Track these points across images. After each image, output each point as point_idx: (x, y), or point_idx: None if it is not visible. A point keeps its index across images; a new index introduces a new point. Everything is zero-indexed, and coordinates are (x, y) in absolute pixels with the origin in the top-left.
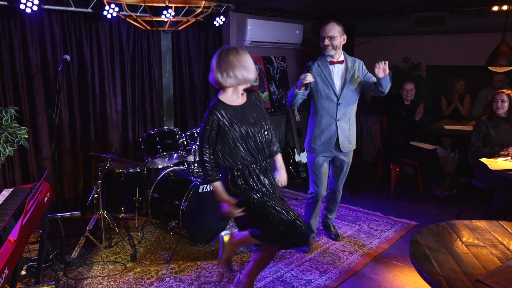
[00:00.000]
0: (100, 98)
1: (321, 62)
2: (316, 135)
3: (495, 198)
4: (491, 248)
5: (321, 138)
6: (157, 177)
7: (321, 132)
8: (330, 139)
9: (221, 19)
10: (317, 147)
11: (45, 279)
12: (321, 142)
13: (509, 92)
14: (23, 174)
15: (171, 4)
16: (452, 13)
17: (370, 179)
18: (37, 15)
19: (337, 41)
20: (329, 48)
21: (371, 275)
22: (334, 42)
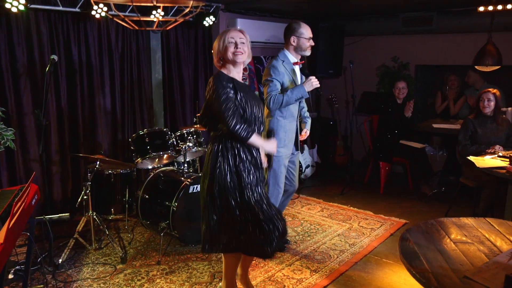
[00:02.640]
0: (89, 99)
1: (285, 62)
2: (281, 138)
3: (482, 196)
4: (478, 244)
5: (285, 140)
6: (147, 177)
7: (286, 134)
8: (292, 139)
9: (210, 19)
10: (284, 150)
11: (33, 282)
12: (286, 144)
13: (495, 91)
14: (10, 176)
15: (159, 4)
16: (439, 13)
17: (360, 178)
18: (24, 14)
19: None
20: (310, 49)
21: (362, 273)
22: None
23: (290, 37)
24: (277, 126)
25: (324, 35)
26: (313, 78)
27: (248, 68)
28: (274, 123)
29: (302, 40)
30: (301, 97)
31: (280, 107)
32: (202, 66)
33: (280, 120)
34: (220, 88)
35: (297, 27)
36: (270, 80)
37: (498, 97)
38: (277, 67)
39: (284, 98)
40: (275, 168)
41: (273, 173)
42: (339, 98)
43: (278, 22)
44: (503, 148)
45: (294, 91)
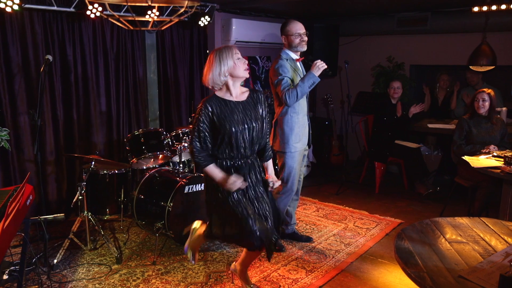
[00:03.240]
0: (84, 99)
1: (289, 59)
2: (297, 133)
3: (477, 196)
4: (473, 244)
5: (300, 136)
6: (142, 178)
7: (300, 130)
8: (306, 135)
9: (206, 19)
10: (299, 145)
11: (28, 283)
12: (301, 139)
13: (490, 91)
14: (5, 177)
15: (154, 4)
16: (434, 14)
17: (355, 178)
18: (18, 14)
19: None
20: (304, 44)
21: (357, 273)
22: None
23: (281, 37)
24: (291, 122)
25: (319, 35)
26: (318, 61)
27: None
28: (288, 120)
29: (290, 37)
30: (313, 83)
31: (297, 99)
32: (197, 66)
33: (293, 116)
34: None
35: (284, 26)
36: (280, 78)
37: (492, 97)
38: (284, 65)
39: (298, 90)
40: (290, 165)
41: (288, 170)
42: (335, 98)
43: (273, 22)
44: (498, 148)
45: (305, 79)
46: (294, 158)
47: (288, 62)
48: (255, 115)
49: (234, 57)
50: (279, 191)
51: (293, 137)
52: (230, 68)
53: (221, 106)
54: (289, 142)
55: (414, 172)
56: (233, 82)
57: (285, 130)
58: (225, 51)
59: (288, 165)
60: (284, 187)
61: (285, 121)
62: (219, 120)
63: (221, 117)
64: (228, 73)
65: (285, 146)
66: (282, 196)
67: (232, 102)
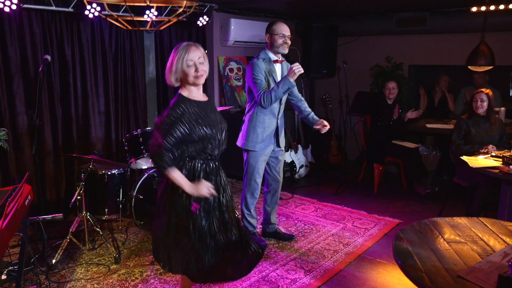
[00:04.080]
0: (82, 99)
1: (265, 60)
2: (259, 133)
3: (476, 196)
4: (471, 244)
5: (263, 136)
6: (140, 178)
7: (264, 130)
8: (270, 136)
9: (204, 19)
10: (261, 145)
11: (26, 283)
12: (263, 139)
13: (488, 91)
14: (3, 176)
15: (152, 4)
16: (433, 14)
17: (354, 178)
18: (17, 14)
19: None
20: (286, 46)
21: (356, 273)
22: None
23: (265, 34)
24: (255, 121)
25: (318, 35)
26: (295, 65)
27: (242, 68)
28: (253, 117)
29: (273, 37)
30: (288, 88)
31: (271, 103)
32: None
33: (259, 115)
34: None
35: (270, 25)
36: (255, 78)
37: (491, 97)
38: (258, 65)
39: (272, 94)
40: (251, 163)
41: (249, 168)
42: (333, 98)
43: None
44: (496, 148)
45: (280, 84)
46: (256, 157)
47: (264, 62)
48: (220, 115)
49: (184, 63)
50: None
51: (253, 136)
52: (179, 73)
53: (195, 108)
54: (249, 140)
55: (413, 172)
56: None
57: (248, 127)
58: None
59: (249, 163)
60: (246, 185)
61: (250, 119)
62: (197, 121)
63: (198, 119)
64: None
65: (245, 143)
66: (247, 195)
67: (203, 103)
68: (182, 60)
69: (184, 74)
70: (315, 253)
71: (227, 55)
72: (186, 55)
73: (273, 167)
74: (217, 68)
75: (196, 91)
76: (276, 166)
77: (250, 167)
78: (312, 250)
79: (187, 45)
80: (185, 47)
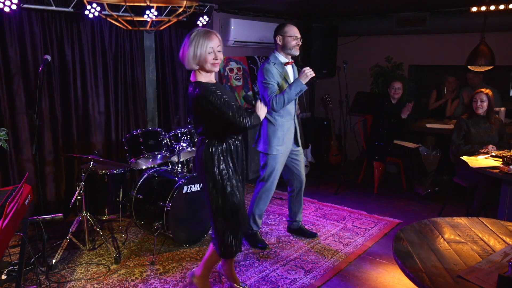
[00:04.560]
0: (82, 99)
1: (276, 63)
2: (279, 137)
3: (476, 196)
4: (471, 244)
5: (284, 138)
6: (141, 178)
7: (284, 133)
8: (290, 137)
9: (204, 19)
10: (282, 148)
11: (26, 283)
12: (285, 142)
13: (488, 91)
14: (3, 177)
15: (152, 4)
16: (433, 14)
17: (354, 178)
18: (16, 14)
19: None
20: (298, 48)
21: (356, 273)
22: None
23: (276, 36)
24: (275, 125)
25: (318, 35)
26: (307, 69)
27: (242, 68)
28: (271, 122)
29: (287, 38)
30: (300, 90)
31: (283, 105)
32: None
33: (277, 119)
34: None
35: (282, 26)
36: (266, 82)
37: (491, 97)
38: (269, 70)
39: (285, 96)
40: (272, 165)
41: (270, 169)
42: (333, 98)
43: (272, 22)
44: (496, 148)
45: (292, 86)
46: (276, 159)
47: (275, 66)
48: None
49: (206, 49)
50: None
51: (275, 140)
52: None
53: (221, 90)
54: (271, 145)
55: (413, 172)
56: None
57: (268, 132)
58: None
59: (269, 165)
60: (264, 185)
61: (269, 123)
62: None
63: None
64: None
65: (267, 148)
66: (263, 195)
67: (221, 86)
68: (205, 47)
69: (204, 61)
70: (315, 253)
71: (227, 55)
72: (208, 42)
73: (295, 168)
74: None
75: (210, 76)
76: (298, 166)
77: (270, 169)
78: (312, 250)
79: (209, 32)
80: (207, 33)
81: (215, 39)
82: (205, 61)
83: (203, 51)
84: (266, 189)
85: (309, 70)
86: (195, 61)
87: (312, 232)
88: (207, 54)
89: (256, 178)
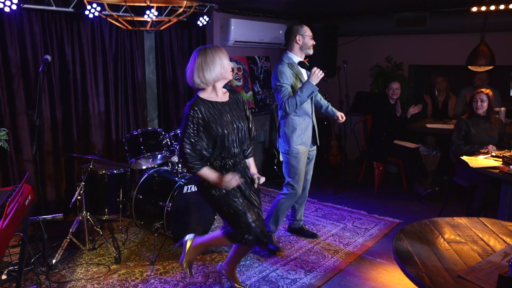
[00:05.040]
0: (83, 99)
1: (290, 64)
2: (298, 135)
3: (476, 196)
4: (472, 244)
5: (302, 137)
6: (141, 178)
7: (302, 132)
8: (309, 136)
9: (204, 19)
10: (302, 147)
11: (26, 283)
12: (304, 141)
13: (488, 91)
14: (3, 177)
15: (153, 4)
16: (433, 14)
17: (354, 178)
18: (17, 14)
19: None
20: (312, 48)
21: (356, 273)
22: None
23: (295, 36)
24: (292, 124)
25: (318, 35)
26: (315, 69)
27: (242, 68)
28: (289, 122)
29: (306, 38)
30: (312, 92)
31: (296, 107)
32: None
33: (294, 119)
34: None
35: (300, 27)
36: (280, 85)
37: (491, 98)
38: (283, 72)
39: (297, 99)
40: (295, 166)
41: (293, 171)
42: (333, 98)
43: (272, 22)
44: (496, 148)
45: (303, 88)
46: (298, 159)
47: (289, 67)
48: (240, 115)
49: (228, 61)
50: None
51: (294, 138)
52: (226, 69)
53: (209, 109)
54: (291, 144)
55: (413, 172)
56: (220, 84)
57: (286, 132)
58: (220, 52)
59: (292, 166)
60: (289, 188)
61: (287, 123)
62: (209, 123)
63: (211, 120)
64: (222, 75)
65: (287, 148)
66: (287, 197)
67: (218, 103)
68: (226, 59)
69: (226, 71)
70: (316, 253)
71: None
72: (226, 54)
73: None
74: None
75: (219, 90)
76: (308, 165)
77: (295, 170)
78: (312, 250)
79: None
80: (221, 48)
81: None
82: (226, 71)
83: (226, 65)
84: (291, 192)
85: (318, 70)
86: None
87: (312, 233)
88: (228, 65)
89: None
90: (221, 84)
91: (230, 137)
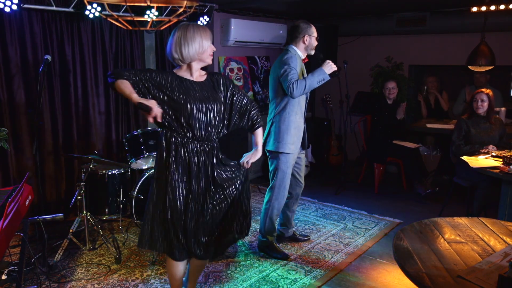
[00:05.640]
0: (83, 99)
1: (297, 56)
2: (292, 134)
3: (476, 196)
4: (472, 244)
5: (295, 137)
6: (141, 178)
7: (296, 130)
8: (300, 138)
9: (204, 19)
10: (293, 147)
11: (27, 283)
12: (295, 143)
13: (488, 91)
14: (3, 177)
15: (153, 4)
16: (433, 14)
17: (354, 178)
18: (17, 14)
19: None
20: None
21: (356, 273)
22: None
23: (303, 35)
24: (288, 121)
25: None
26: (330, 61)
27: (242, 68)
28: (285, 118)
29: (313, 39)
30: (323, 79)
31: (304, 91)
32: None
33: (291, 114)
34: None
35: (308, 26)
36: (290, 68)
37: (491, 97)
38: (292, 58)
39: (307, 81)
40: (282, 169)
41: (281, 175)
42: (333, 98)
43: (272, 22)
44: (497, 148)
45: (315, 73)
46: (288, 162)
47: (296, 57)
48: (213, 96)
49: (208, 42)
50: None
51: (288, 137)
52: (205, 50)
53: (175, 80)
54: (283, 142)
55: (413, 172)
56: (197, 65)
57: (281, 129)
58: (203, 32)
59: (281, 169)
60: (275, 193)
61: (282, 119)
62: (172, 90)
63: (175, 89)
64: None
65: (279, 146)
66: (274, 203)
67: (188, 81)
68: (207, 40)
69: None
70: (316, 253)
71: (228, 55)
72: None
73: (296, 172)
74: (217, 68)
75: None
76: (300, 171)
77: (281, 172)
78: (312, 250)
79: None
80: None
81: (210, 33)
82: (204, 53)
83: (204, 45)
84: (277, 197)
85: (332, 63)
86: (194, 55)
87: (304, 236)
88: (208, 47)
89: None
90: (198, 65)
91: (196, 115)
